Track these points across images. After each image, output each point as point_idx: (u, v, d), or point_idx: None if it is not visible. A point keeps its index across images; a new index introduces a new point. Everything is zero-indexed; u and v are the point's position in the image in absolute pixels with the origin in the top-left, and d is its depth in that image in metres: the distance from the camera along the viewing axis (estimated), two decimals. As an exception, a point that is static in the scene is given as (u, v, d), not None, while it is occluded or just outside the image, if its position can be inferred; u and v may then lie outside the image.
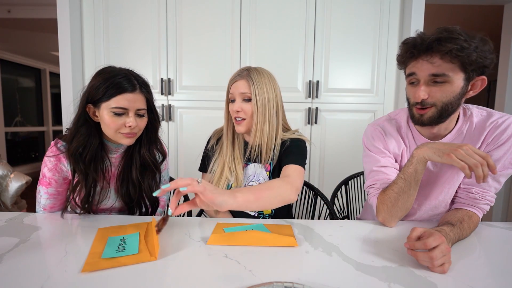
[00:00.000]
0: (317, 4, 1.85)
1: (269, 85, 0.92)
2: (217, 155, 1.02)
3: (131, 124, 0.81)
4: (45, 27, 3.35)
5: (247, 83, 0.91)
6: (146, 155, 0.92)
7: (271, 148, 0.95)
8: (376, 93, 1.93)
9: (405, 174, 0.79)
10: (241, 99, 0.92)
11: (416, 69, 0.75)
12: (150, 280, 0.53)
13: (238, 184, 0.98)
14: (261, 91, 0.90)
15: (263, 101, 0.91)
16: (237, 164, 0.99)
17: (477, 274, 0.58)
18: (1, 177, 2.01)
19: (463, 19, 3.11)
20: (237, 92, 0.92)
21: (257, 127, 0.92)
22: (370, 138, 0.93)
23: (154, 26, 1.85)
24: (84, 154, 0.83)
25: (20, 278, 0.53)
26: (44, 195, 0.88)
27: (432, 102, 0.75)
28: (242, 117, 0.93)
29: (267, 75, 0.94)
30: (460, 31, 0.69)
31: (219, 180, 0.99)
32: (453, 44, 0.67)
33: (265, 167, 0.99)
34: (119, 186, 0.93)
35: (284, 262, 0.61)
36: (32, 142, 5.20)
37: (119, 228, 0.77)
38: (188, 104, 1.90)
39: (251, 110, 0.91)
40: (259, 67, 0.96)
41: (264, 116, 0.91)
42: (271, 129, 0.93)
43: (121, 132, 0.82)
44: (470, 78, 0.72)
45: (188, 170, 1.95)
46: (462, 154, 0.66)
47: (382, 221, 0.84)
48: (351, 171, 1.41)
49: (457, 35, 0.68)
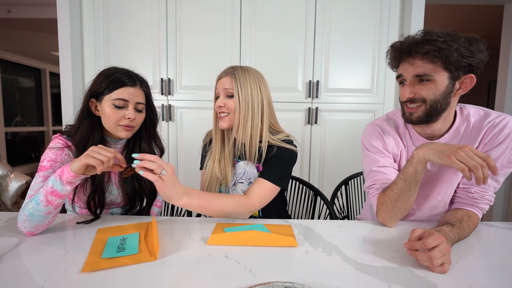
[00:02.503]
0: (317, 4, 1.85)
1: (253, 83, 0.94)
2: (209, 153, 1.05)
3: (130, 116, 0.85)
4: (45, 27, 3.35)
5: (230, 79, 0.93)
6: (146, 150, 0.96)
7: (255, 146, 0.95)
8: (376, 93, 1.93)
9: (405, 175, 0.79)
10: (225, 95, 0.95)
11: (402, 71, 0.80)
12: (150, 280, 0.53)
13: (228, 181, 1.00)
14: (243, 88, 0.92)
15: (246, 98, 0.92)
16: (226, 161, 1.00)
17: (477, 274, 0.58)
18: (1, 177, 2.01)
19: (463, 19, 3.11)
20: (221, 88, 0.95)
21: (239, 123, 0.94)
22: (369, 138, 0.93)
23: (154, 26, 1.85)
24: (88, 146, 0.84)
25: (20, 278, 0.53)
26: (39, 179, 0.78)
27: (421, 98, 0.77)
28: (225, 111, 0.95)
29: (254, 74, 0.96)
30: (440, 33, 0.72)
31: (211, 178, 1.01)
32: (430, 46, 0.71)
33: (257, 167, 0.99)
34: (123, 182, 0.95)
35: (284, 262, 0.61)
36: (32, 142, 5.20)
37: (119, 228, 0.77)
38: (188, 104, 1.90)
39: (233, 105, 0.93)
40: (247, 66, 0.98)
41: (246, 112, 0.93)
42: (254, 127, 0.94)
43: (121, 124, 0.86)
44: (456, 77, 0.75)
45: (188, 170, 1.95)
46: (462, 156, 0.66)
47: (382, 222, 0.84)
48: (351, 171, 1.41)
49: (436, 37, 0.71)
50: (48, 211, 0.71)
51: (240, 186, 1.01)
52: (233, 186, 1.02)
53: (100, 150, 0.70)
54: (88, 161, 0.68)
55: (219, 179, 1.00)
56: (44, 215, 0.71)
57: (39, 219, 0.71)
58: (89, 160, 0.68)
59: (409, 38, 0.76)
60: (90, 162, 0.68)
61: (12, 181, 2.02)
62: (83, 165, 0.68)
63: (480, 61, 0.73)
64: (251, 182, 0.98)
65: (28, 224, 0.71)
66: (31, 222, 0.71)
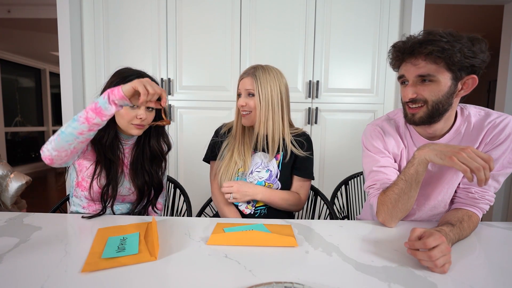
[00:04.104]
0: (317, 4, 1.85)
1: (273, 82, 1.00)
2: (228, 141, 1.10)
3: (142, 116, 0.91)
4: (45, 27, 3.36)
5: (251, 80, 1.00)
6: (155, 146, 1.03)
7: (278, 141, 1.03)
8: (376, 93, 1.93)
9: (406, 175, 0.78)
10: (246, 95, 1.02)
11: (405, 71, 0.79)
12: (150, 280, 0.53)
13: (246, 169, 1.05)
14: (264, 88, 0.99)
15: (266, 97, 0.99)
16: (246, 150, 1.07)
17: (477, 274, 0.58)
18: (1, 177, 2.01)
19: (463, 19, 3.11)
20: (243, 88, 1.02)
21: (261, 121, 1.01)
22: (369, 138, 0.93)
23: (154, 26, 1.85)
24: (104, 140, 0.94)
25: (20, 278, 0.53)
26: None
27: (423, 99, 0.77)
28: (246, 110, 1.02)
29: (274, 73, 1.02)
30: (443, 33, 0.71)
31: (228, 163, 1.06)
32: (433, 46, 0.70)
33: (275, 157, 1.07)
34: (135, 177, 1.01)
35: (284, 262, 0.61)
36: (32, 142, 5.20)
37: (119, 228, 0.77)
38: (188, 104, 1.90)
39: (254, 104, 1.00)
40: (267, 65, 1.04)
41: (267, 110, 1.00)
42: (276, 123, 1.02)
43: (133, 123, 0.93)
44: (458, 78, 0.74)
45: (188, 170, 1.95)
46: (464, 157, 0.66)
47: (382, 222, 0.84)
48: (351, 171, 1.41)
49: (439, 37, 0.70)
50: (81, 130, 0.76)
51: (256, 174, 1.06)
52: (250, 175, 1.06)
53: (150, 83, 0.75)
54: (138, 86, 0.73)
55: (237, 165, 1.06)
56: (76, 134, 0.76)
57: (68, 139, 0.77)
58: (139, 85, 0.73)
59: (411, 38, 0.75)
60: (139, 88, 0.73)
61: (12, 181, 2.02)
62: (133, 87, 0.74)
63: (482, 62, 0.72)
64: (269, 169, 1.07)
65: (54, 144, 0.78)
66: (58, 142, 0.77)
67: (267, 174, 1.06)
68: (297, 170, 1.08)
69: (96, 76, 1.90)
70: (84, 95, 1.92)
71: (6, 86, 4.48)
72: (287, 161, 1.06)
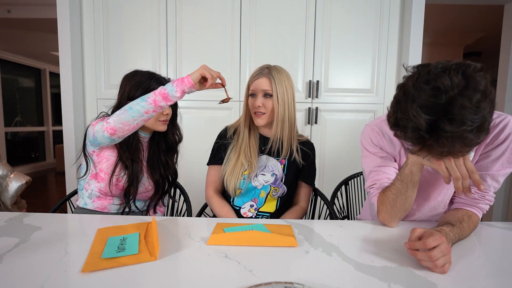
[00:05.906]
0: (317, 4, 1.85)
1: (287, 82, 1.01)
2: (234, 143, 1.08)
3: (168, 112, 1.00)
4: (45, 27, 3.35)
5: (268, 80, 0.99)
6: (170, 137, 1.10)
7: (290, 143, 1.04)
8: (376, 93, 1.93)
9: (401, 176, 0.79)
10: (262, 95, 1.00)
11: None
12: (150, 280, 0.53)
13: (252, 171, 1.04)
14: (280, 88, 0.99)
15: (283, 97, 0.99)
16: (252, 152, 1.05)
17: (477, 274, 0.58)
18: (1, 177, 2.01)
19: (463, 19, 3.11)
20: (259, 88, 1.00)
21: (278, 121, 1.00)
22: (368, 138, 0.93)
23: (154, 25, 1.85)
24: (130, 143, 0.98)
25: (20, 278, 0.53)
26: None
27: None
28: (262, 111, 1.01)
29: (285, 73, 1.03)
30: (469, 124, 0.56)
31: (234, 166, 1.04)
32: (465, 147, 0.60)
33: (280, 161, 1.06)
34: (152, 172, 1.06)
35: (284, 262, 0.61)
36: (32, 142, 5.19)
37: (119, 228, 0.77)
38: (188, 104, 1.90)
39: (271, 105, 1.00)
40: (277, 66, 1.04)
41: (284, 110, 1.00)
42: (291, 123, 1.02)
43: (160, 119, 0.99)
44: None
45: (188, 170, 1.95)
46: (451, 164, 0.67)
47: (382, 221, 0.84)
48: (351, 171, 1.41)
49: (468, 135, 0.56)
50: (147, 109, 0.85)
51: (262, 177, 1.06)
52: (255, 177, 1.06)
53: (209, 68, 0.87)
54: (205, 73, 0.85)
55: (244, 167, 1.05)
56: (142, 112, 0.85)
57: (133, 115, 0.85)
58: (206, 72, 0.85)
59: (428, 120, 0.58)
60: (206, 74, 0.85)
61: (12, 181, 2.01)
62: (200, 74, 0.85)
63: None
64: (274, 173, 1.06)
65: (122, 117, 0.85)
66: (124, 115, 0.85)
67: (272, 178, 1.05)
68: (304, 177, 1.10)
69: (96, 76, 1.90)
70: (84, 95, 1.92)
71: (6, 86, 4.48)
72: (292, 165, 1.06)
